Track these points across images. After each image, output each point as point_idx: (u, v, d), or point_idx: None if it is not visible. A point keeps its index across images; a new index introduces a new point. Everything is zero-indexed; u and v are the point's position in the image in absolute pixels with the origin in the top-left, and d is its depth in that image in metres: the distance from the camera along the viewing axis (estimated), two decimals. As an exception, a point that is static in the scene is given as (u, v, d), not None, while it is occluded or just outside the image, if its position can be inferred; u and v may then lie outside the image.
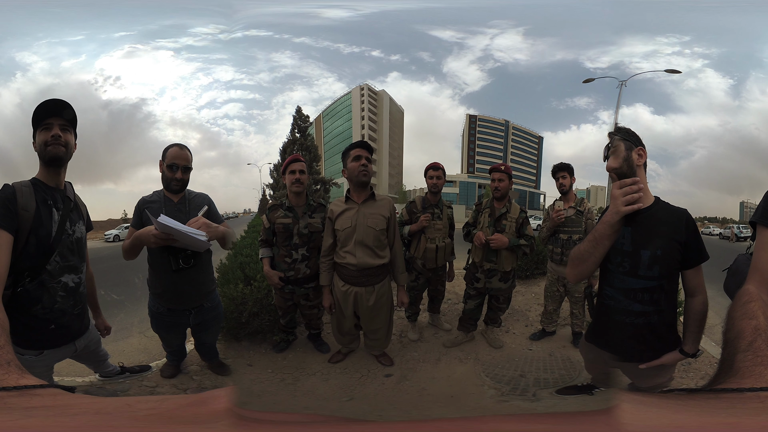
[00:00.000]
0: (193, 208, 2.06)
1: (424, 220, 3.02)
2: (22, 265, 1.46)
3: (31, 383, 0.48)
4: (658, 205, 1.46)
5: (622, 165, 1.43)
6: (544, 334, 3.33)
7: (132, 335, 3.25)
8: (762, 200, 1.12)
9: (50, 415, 0.40)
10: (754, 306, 0.82)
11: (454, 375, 2.73)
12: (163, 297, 2.10)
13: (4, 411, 0.41)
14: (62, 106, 1.53)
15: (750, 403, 0.47)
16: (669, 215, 1.44)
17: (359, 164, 2.35)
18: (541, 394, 2.49)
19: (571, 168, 3.12)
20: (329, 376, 2.66)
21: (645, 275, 1.43)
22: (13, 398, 0.44)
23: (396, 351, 2.98)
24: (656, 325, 1.47)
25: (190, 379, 2.54)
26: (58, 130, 1.51)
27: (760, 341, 0.67)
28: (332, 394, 2.46)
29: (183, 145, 2.06)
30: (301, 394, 2.46)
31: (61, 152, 1.52)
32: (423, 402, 2.38)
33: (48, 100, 1.51)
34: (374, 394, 2.44)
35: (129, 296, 3.96)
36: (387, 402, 2.41)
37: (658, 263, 1.41)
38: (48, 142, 1.50)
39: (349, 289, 2.46)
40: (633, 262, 1.45)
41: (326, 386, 2.55)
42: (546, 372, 2.81)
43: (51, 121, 1.51)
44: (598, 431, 0.42)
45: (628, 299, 1.48)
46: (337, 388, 2.51)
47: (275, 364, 2.81)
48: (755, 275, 1.01)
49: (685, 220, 1.42)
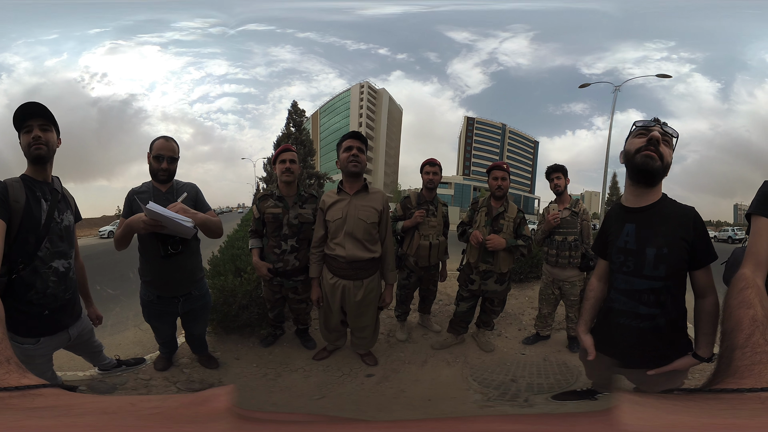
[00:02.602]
0: (183, 199, 2.12)
1: (419, 216, 2.94)
2: (15, 253, 1.59)
3: (33, 383, 0.48)
4: (664, 202, 1.39)
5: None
6: (538, 338, 3.28)
7: (128, 328, 3.28)
8: (756, 195, 1.14)
9: (54, 415, 0.40)
10: (750, 293, 0.83)
11: (439, 378, 2.67)
12: (153, 284, 2.18)
13: (6, 412, 0.41)
14: (38, 107, 1.65)
15: (750, 404, 0.47)
16: (676, 212, 1.37)
17: (349, 154, 2.30)
18: (535, 399, 2.43)
19: (565, 169, 3.10)
20: (311, 373, 2.62)
21: (650, 275, 1.36)
22: (14, 399, 0.44)
23: (382, 351, 2.93)
24: (664, 328, 1.39)
25: (180, 371, 2.54)
26: (38, 131, 1.63)
27: (758, 335, 0.68)
28: (307, 391, 2.42)
29: (169, 137, 2.13)
30: (278, 390, 2.42)
31: (43, 151, 1.66)
32: (394, 404, 2.31)
33: (24, 103, 1.63)
34: (348, 394, 2.40)
35: (124, 291, 4.13)
36: (354, 402, 2.35)
37: (665, 262, 1.33)
38: (30, 143, 1.63)
39: (338, 282, 2.40)
40: (637, 262, 1.38)
41: (305, 383, 2.51)
42: (540, 377, 2.75)
43: (31, 123, 1.63)
44: (598, 431, 0.41)
45: (633, 301, 1.41)
46: (314, 385, 2.48)
47: (261, 359, 2.78)
48: (750, 259, 1.02)
49: (693, 219, 1.35)
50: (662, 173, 1.34)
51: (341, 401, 2.33)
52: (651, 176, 1.34)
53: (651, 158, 1.31)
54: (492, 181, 2.83)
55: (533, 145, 48.18)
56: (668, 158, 1.34)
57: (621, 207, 1.48)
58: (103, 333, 2.21)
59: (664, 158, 1.33)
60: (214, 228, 2.14)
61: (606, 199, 13.96)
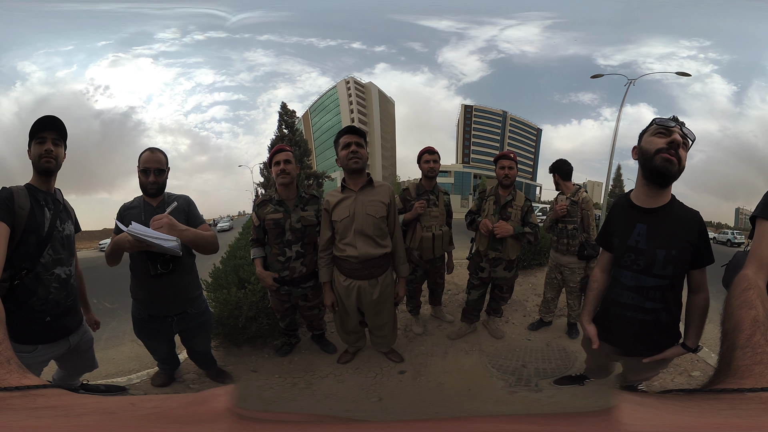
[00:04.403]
0: (173, 211, 2.00)
1: (419, 207, 2.86)
2: (19, 259, 1.62)
3: (34, 383, 0.48)
4: (674, 204, 1.43)
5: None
6: (541, 324, 3.33)
7: (124, 343, 3.20)
8: (762, 198, 1.15)
9: (55, 415, 0.40)
10: (752, 294, 0.82)
11: (464, 367, 2.71)
12: (144, 303, 2.09)
13: (8, 412, 0.40)
14: (55, 120, 1.72)
15: (750, 404, 0.47)
16: (684, 216, 1.42)
17: (348, 151, 2.20)
18: (542, 384, 2.51)
19: (561, 170, 3.09)
20: (343, 377, 2.58)
21: (659, 274, 1.43)
22: (15, 399, 0.44)
23: (403, 346, 2.92)
24: (663, 321, 1.48)
25: (186, 387, 2.46)
26: (50, 145, 1.70)
27: (758, 335, 0.67)
28: (355, 395, 2.39)
29: (155, 149, 2.08)
30: (322, 397, 2.38)
31: (52, 165, 1.73)
32: (447, 397, 2.36)
33: (45, 116, 1.70)
34: (398, 393, 2.39)
35: (122, 305, 4.10)
36: (415, 399, 2.35)
37: (673, 263, 1.41)
38: (42, 155, 1.70)
39: (352, 284, 2.32)
40: (648, 261, 1.44)
41: (344, 388, 2.47)
42: (544, 362, 2.82)
43: (45, 134, 1.68)
44: (598, 431, 0.41)
45: (640, 296, 1.48)
46: (356, 389, 2.45)
47: (281, 369, 2.71)
48: (753, 260, 1.03)
49: (698, 224, 1.42)
50: (677, 176, 1.36)
51: (399, 401, 2.32)
52: (667, 179, 1.36)
53: (671, 162, 1.32)
54: (499, 170, 2.81)
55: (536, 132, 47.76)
56: (684, 162, 1.36)
57: (631, 205, 1.50)
58: (98, 347, 2.16)
59: (681, 162, 1.34)
60: (206, 245, 2.01)
61: (609, 190, 13.99)
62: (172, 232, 1.84)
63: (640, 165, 1.42)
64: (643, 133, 1.42)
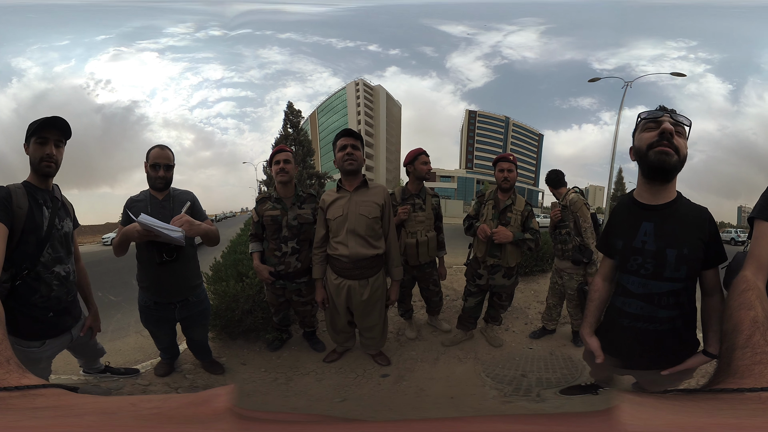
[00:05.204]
0: (177, 204, 2.17)
1: (402, 212, 2.80)
2: (19, 259, 1.64)
3: (33, 383, 0.48)
4: (680, 201, 1.33)
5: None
6: (544, 332, 3.25)
7: (129, 335, 3.27)
8: (759, 199, 1.12)
9: (54, 415, 0.40)
10: (751, 295, 0.83)
11: (454, 375, 2.65)
12: (150, 290, 2.23)
13: (7, 412, 0.40)
14: (61, 121, 1.70)
15: (750, 403, 0.47)
16: (693, 212, 1.32)
17: (344, 153, 2.28)
18: (545, 394, 2.42)
19: (554, 181, 3.12)
20: (323, 376, 2.58)
21: (672, 277, 1.30)
22: (15, 399, 0.44)
23: (393, 350, 2.89)
24: (681, 329, 1.35)
25: (183, 377, 2.52)
26: (52, 149, 1.69)
27: (758, 336, 0.68)
28: (324, 394, 2.39)
29: (164, 146, 2.19)
30: (292, 393, 2.40)
31: (52, 170, 1.74)
32: (421, 403, 2.30)
33: (51, 117, 1.68)
34: (369, 395, 2.37)
35: (126, 297, 4.10)
36: (381, 403, 2.33)
37: (686, 263, 1.28)
38: (43, 158, 1.69)
39: (342, 283, 2.36)
40: (657, 263, 1.31)
41: (319, 386, 2.48)
42: (548, 371, 2.73)
43: (47, 134, 1.67)
44: (598, 431, 0.41)
45: (652, 305, 1.34)
46: (330, 388, 2.44)
47: (269, 363, 2.75)
48: (752, 262, 1.02)
49: (707, 220, 1.31)
50: (679, 167, 1.26)
51: (364, 403, 2.30)
52: (667, 173, 1.26)
53: (666, 154, 1.22)
54: (498, 173, 2.74)
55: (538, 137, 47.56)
56: (684, 150, 1.25)
57: (634, 202, 1.39)
58: (104, 339, 2.25)
59: (680, 151, 1.24)
60: (214, 237, 2.23)
61: (611, 194, 13.87)
62: (192, 228, 2.03)
63: (638, 164, 1.34)
64: (634, 132, 1.35)
